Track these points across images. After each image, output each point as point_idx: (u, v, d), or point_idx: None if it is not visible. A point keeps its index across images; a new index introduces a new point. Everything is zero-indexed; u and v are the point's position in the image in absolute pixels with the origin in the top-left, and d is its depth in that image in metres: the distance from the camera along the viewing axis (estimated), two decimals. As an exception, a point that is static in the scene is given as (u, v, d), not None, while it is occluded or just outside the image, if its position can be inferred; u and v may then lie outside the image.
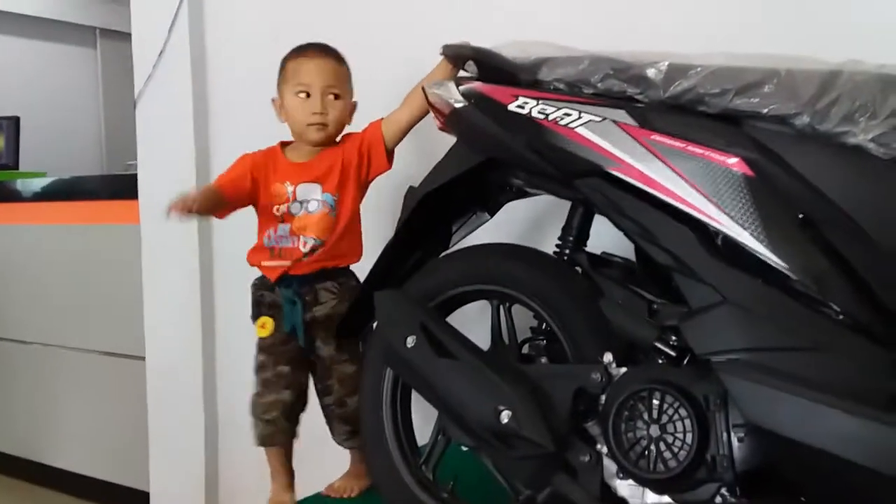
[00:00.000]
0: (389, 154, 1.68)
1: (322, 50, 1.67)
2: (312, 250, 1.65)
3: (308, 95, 1.63)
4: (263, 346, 1.71)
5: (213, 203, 1.66)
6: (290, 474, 1.74)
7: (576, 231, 1.40)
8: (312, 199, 1.65)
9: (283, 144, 1.73)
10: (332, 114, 1.64)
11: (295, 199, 1.66)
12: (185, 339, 2.52)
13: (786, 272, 1.05)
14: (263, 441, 1.69)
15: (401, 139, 1.68)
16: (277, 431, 1.68)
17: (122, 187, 2.75)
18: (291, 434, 1.71)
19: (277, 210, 1.66)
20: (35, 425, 3.15)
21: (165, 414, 2.62)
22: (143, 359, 2.64)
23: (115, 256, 2.81)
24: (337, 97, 1.64)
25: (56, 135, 4.65)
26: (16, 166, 3.74)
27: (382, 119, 1.67)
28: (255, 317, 1.72)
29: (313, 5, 2.21)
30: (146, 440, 2.64)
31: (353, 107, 1.70)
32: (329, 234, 1.65)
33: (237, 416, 2.50)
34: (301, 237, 1.65)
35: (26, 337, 3.14)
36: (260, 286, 1.73)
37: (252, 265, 1.74)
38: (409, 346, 1.32)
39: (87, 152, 4.96)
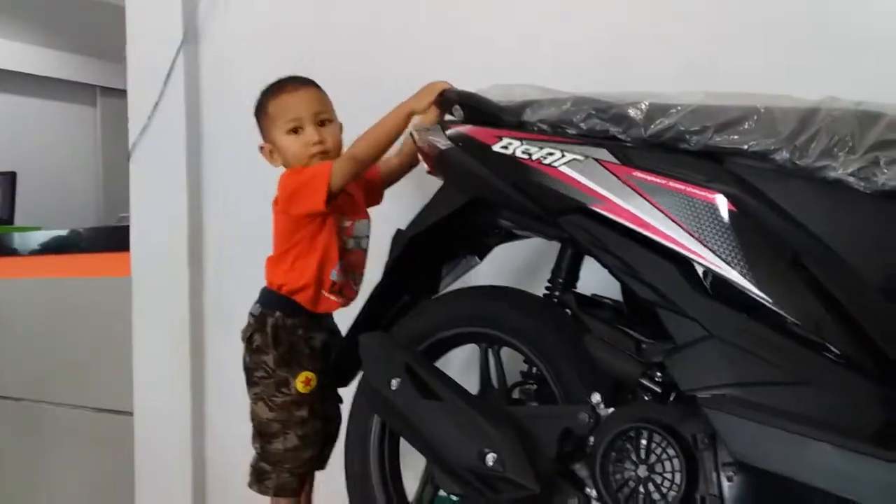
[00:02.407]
0: (381, 195, 1.72)
1: (300, 81, 1.65)
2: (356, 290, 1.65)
3: (299, 129, 1.60)
4: (303, 401, 1.59)
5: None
6: None
7: (565, 273, 1.40)
8: (364, 236, 1.65)
9: None
10: (330, 139, 1.60)
11: (352, 235, 1.63)
12: (174, 393, 2.49)
13: (769, 305, 1.05)
14: (282, 491, 1.61)
15: (391, 184, 1.69)
16: (298, 483, 1.63)
17: (115, 239, 2.75)
18: (306, 483, 1.69)
19: (344, 243, 1.61)
20: (23, 481, 3.09)
21: (153, 470, 2.56)
22: (131, 414, 2.60)
23: (105, 309, 2.80)
24: (328, 122, 1.62)
25: (54, 190, 4.70)
26: (10, 221, 3.75)
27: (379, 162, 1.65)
28: (290, 364, 1.60)
29: (307, 60, 2.25)
30: (132, 497, 2.58)
31: (341, 128, 1.67)
32: (363, 272, 1.66)
33: (226, 473, 2.47)
34: (352, 275, 1.64)
35: (15, 393, 3.11)
36: (308, 327, 1.62)
37: (293, 293, 1.61)
38: (393, 388, 1.31)
39: (84, 207, 5.01)
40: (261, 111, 1.67)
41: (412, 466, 1.51)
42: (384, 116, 1.51)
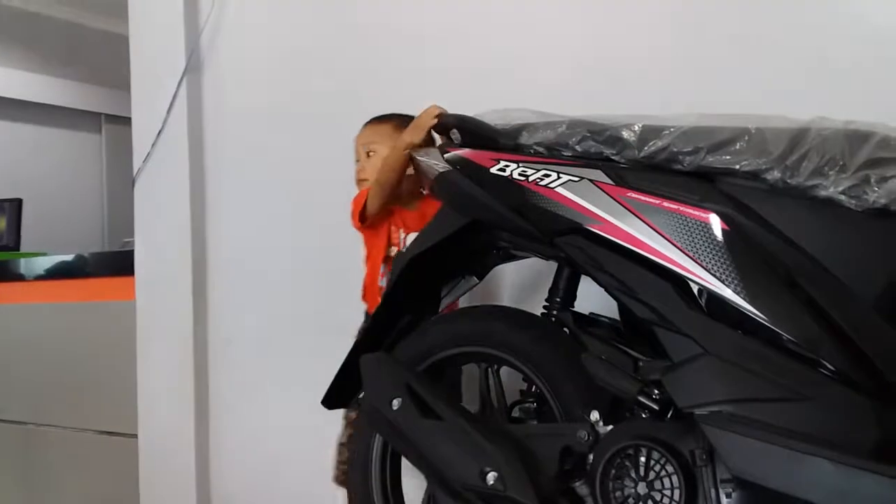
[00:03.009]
0: None
1: (369, 120, 1.83)
2: None
3: (358, 160, 1.82)
4: None
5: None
6: None
7: (562, 292, 1.41)
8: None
9: None
10: (368, 169, 1.77)
11: (405, 246, 1.74)
12: (179, 416, 2.50)
13: (764, 323, 1.06)
14: (337, 480, 1.81)
15: None
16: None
17: (119, 264, 2.77)
18: None
19: (390, 252, 1.76)
20: (28, 505, 3.09)
21: (157, 493, 2.57)
22: (135, 436, 2.61)
23: (110, 333, 2.81)
24: (373, 153, 1.78)
25: (59, 216, 4.74)
26: (17, 247, 3.77)
27: None
28: None
29: (308, 88, 2.29)
30: (137, 520, 2.59)
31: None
32: None
33: (230, 495, 2.47)
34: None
35: (19, 417, 3.12)
36: None
37: (363, 298, 1.79)
38: (394, 407, 1.32)
39: (89, 232, 5.04)
40: None
41: (416, 486, 1.51)
42: (390, 150, 1.66)
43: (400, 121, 1.76)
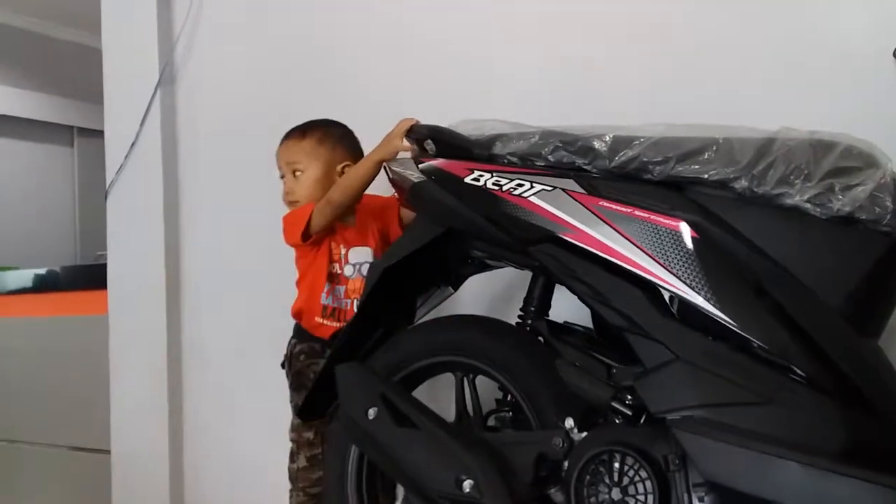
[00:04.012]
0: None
1: (287, 133, 1.78)
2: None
3: (283, 177, 1.77)
4: (310, 424, 1.71)
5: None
6: None
7: (537, 301, 1.42)
8: (366, 262, 1.71)
9: None
10: (298, 190, 1.74)
11: (348, 262, 1.73)
12: (152, 431, 2.48)
13: (734, 329, 1.08)
14: None
15: None
16: (319, 502, 1.71)
17: (92, 278, 2.74)
18: None
19: (332, 269, 1.72)
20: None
21: (130, 509, 2.54)
22: (108, 452, 2.58)
23: (82, 347, 2.78)
24: (300, 172, 1.73)
25: (31, 229, 4.68)
26: (-13, 262, 3.73)
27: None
28: (298, 388, 1.72)
29: (283, 100, 2.29)
30: (110, 538, 2.55)
31: (343, 171, 1.73)
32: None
33: (205, 511, 2.45)
34: (353, 301, 1.71)
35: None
36: (310, 353, 1.73)
37: (300, 320, 1.75)
38: (370, 417, 1.32)
39: (61, 246, 4.98)
40: None
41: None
42: (357, 164, 1.64)
43: (322, 133, 1.75)
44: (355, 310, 1.69)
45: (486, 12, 1.99)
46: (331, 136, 1.76)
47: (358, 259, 1.73)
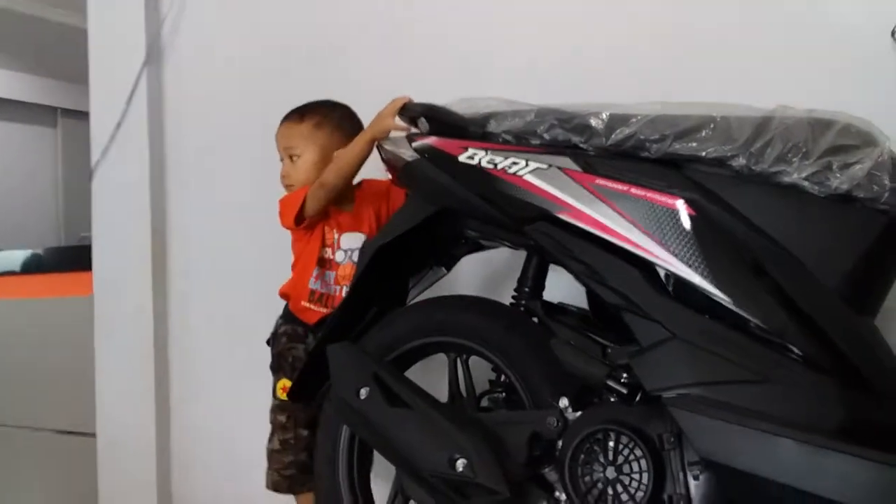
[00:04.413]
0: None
1: (287, 115, 1.76)
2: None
3: (282, 160, 1.75)
4: (284, 407, 1.70)
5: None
6: None
7: (531, 281, 1.41)
8: (357, 248, 1.69)
9: None
10: (294, 174, 1.72)
11: (339, 248, 1.71)
12: (139, 414, 2.45)
13: (730, 307, 1.08)
14: (277, 488, 1.72)
15: None
16: (293, 483, 1.70)
17: (76, 259, 2.71)
18: (306, 483, 1.70)
19: (324, 253, 1.71)
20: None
21: (117, 492, 2.51)
22: (93, 435, 2.55)
23: (67, 329, 2.75)
24: (296, 156, 1.71)
25: (14, 211, 4.63)
26: (-30, 244, 3.68)
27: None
28: (277, 370, 1.72)
29: (269, 80, 2.26)
30: (95, 522, 2.53)
31: (321, 155, 1.71)
32: None
33: (191, 494, 2.43)
34: (343, 287, 1.70)
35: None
36: (293, 336, 1.72)
37: (288, 301, 1.74)
38: (362, 397, 1.31)
39: (45, 228, 4.94)
40: None
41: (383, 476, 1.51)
42: (349, 145, 1.60)
43: (321, 116, 1.73)
44: (342, 294, 1.68)
45: (485, 4, 1.97)
46: (329, 119, 1.73)
47: (350, 245, 1.71)
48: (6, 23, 4.71)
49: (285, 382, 1.67)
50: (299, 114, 1.74)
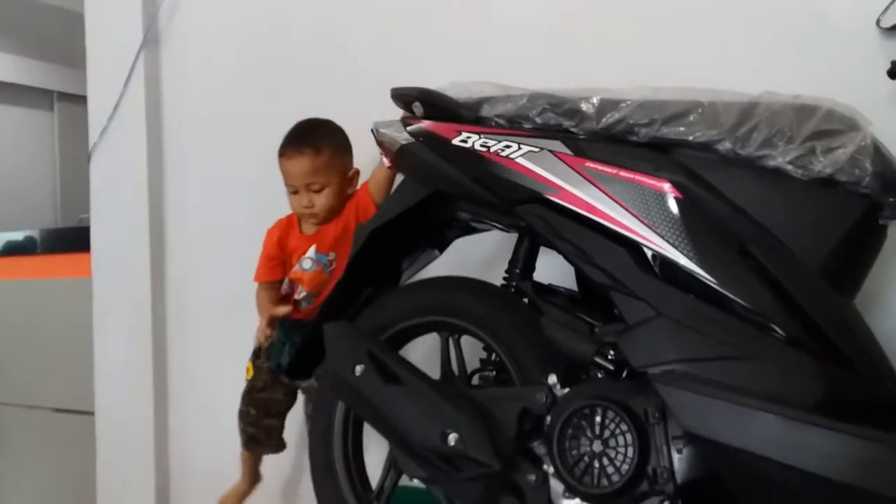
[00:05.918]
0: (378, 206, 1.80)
1: (296, 147, 1.75)
2: (306, 300, 1.82)
3: (297, 192, 1.77)
4: (254, 388, 1.91)
5: (274, 299, 1.85)
6: (256, 476, 1.98)
7: (522, 262, 1.44)
8: (307, 258, 1.78)
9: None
10: (319, 204, 1.76)
11: (301, 263, 1.82)
12: (136, 393, 2.48)
13: (715, 287, 1.11)
14: (247, 447, 1.94)
15: (386, 194, 1.74)
16: (261, 445, 1.93)
17: (75, 240, 2.73)
18: (273, 448, 1.93)
19: (294, 275, 1.82)
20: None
21: (115, 471, 2.55)
22: (92, 414, 2.59)
23: (66, 310, 2.78)
24: (320, 189, 1.75)
25: (12, 193, 4.64)
26: (-32, 226, 3.69)
27: (367, 182, 1.78)
28: (254, 358, 1.92)
29: (267, 63, 2.28)
30: (94, 498, 2.56)
31: (353, 177, 1.80)
32: (321, 288, 1.78)
33: (189, 473, 2.46)
34: (298, 286, 1.83)
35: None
36: (276, 328, 1.86)
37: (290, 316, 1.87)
38: (357, 374, 1.34)
39: (42, 210, 4.96)
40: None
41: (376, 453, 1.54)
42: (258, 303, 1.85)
43: (334, 145, 1.76)
44: (297, 294, 1.82)
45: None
46: (340, 146, 1.78)
47: (312, 254, 1.79)
48: (3, 6, 4.70)
49: (248, 364, 1.90)
50: (313, 147, 1.73)
